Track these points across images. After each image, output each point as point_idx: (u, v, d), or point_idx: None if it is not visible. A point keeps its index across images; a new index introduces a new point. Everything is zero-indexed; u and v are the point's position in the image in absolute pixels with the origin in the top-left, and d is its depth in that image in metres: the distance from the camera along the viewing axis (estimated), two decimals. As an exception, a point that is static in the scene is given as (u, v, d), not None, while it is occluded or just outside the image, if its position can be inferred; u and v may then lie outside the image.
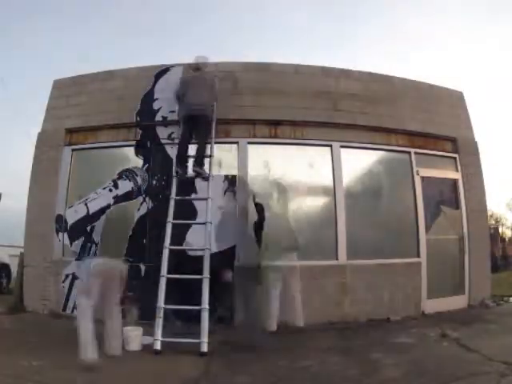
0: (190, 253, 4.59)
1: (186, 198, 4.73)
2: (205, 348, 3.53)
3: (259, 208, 4.64)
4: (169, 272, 4.07)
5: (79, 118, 5.48)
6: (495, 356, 2.98)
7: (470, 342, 3.50)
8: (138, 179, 5.23)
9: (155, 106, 5.33)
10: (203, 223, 4.38)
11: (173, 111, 5.18)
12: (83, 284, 3.75)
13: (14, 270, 7.02)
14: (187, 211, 4.73)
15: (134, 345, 3.65)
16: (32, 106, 12.82)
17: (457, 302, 5.39)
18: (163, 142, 5.26)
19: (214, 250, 4.50)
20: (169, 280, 4.02)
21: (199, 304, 3.80)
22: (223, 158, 5.17)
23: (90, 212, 5.22)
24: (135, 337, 3.69)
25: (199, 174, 4.71)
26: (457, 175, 5.84)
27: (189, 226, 4.73)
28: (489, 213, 9.31)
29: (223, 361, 3.35)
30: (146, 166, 5.25)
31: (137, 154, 5.32)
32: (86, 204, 5.26)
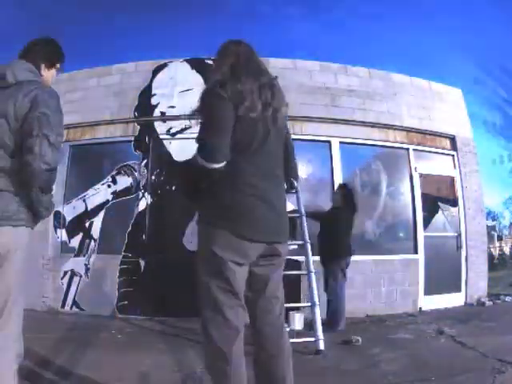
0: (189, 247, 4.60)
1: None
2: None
3: None
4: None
5: (76, 114, 5.42)
6: (491, 353, 2.99)
7: (466, 339, 3.52)
8: (137, 175, 5.21)
9: (153, 101, 5.30)
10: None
11: (171, 106, 5.15)
12: None
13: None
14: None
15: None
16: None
17: (454, 300, 5.42)
18: (161, 137, 5.23)
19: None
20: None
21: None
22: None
23: (89, 208, 5.21)
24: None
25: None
26: (454, 173, 5.85)
27: (188, 219, 4.73)
28: (486, 211, 9.34)
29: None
30: (145, 161, 5.24)
31: (135, 149, 5.29)
32: (84, 200, 5.25)
